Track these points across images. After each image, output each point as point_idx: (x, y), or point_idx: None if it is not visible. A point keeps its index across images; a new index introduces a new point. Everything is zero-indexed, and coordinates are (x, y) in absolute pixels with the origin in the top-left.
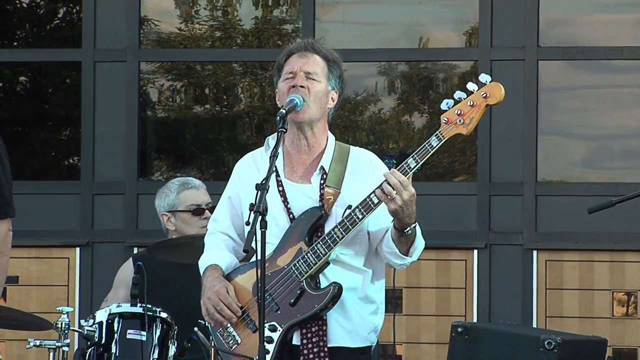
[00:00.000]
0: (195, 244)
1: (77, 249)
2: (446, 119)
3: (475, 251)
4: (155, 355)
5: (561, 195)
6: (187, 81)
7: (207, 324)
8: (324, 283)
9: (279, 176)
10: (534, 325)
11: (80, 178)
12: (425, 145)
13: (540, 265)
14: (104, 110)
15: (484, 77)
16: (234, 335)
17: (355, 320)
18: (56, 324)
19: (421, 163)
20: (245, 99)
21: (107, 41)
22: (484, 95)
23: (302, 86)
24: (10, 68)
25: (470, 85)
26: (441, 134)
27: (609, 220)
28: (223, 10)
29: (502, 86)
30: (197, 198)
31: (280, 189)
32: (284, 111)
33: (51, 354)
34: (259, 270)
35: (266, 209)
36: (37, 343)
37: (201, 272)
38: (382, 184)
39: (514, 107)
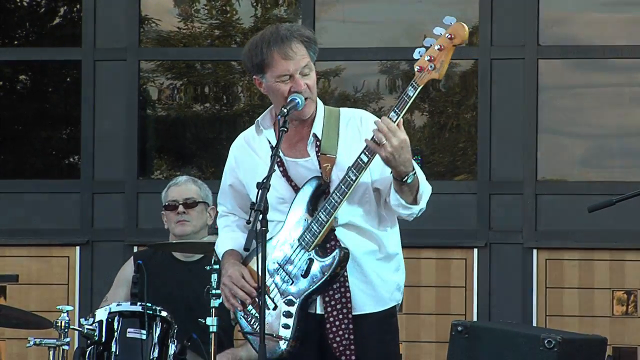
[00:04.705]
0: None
1: (77, 248)
2: (418, 67)
3: (475, 250)
4: (155, 354)
5: (561, 194)
6: (187, 80)
7: (206, 322)
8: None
9: (279, 155)
10: (534, 324)
11: (80, 177)
12: (402, 96)
13: (540, 264)
14: (104, 109)
15: (448, 19)
16: (256, 317)
17: (377, 283)
18: (56, 322)
19: (401, 115)
20: (245, 98)
21: (107, 40)
22: (449, 37)
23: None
24: (10, 67)
25: (437, 30)
26: (416, 83)
27: (609, 219)
28: (222, 9)
29: (465, 25)
30: (174, 194)
31: (282, 168)
32: (285, 110)
33: (51, 352)
34: (259, 270)
35: (267, 209)
36: (37, 342)
37: (219, 256)
38: (373, 131)
39: (514, 106)
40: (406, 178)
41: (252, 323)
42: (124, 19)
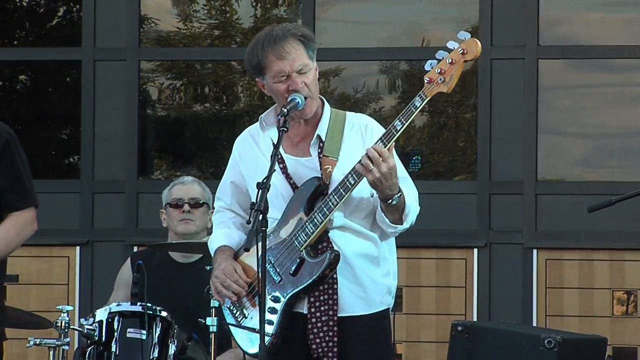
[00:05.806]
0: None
1: (77, 248)
2: (428, 79)
3: (475, 250)
4: (155, 354)
5: (561, 194)
6: (186, 80)
7: (206, 322)
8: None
9: (280, 153)
10: (534, 324)
11: (80, 177)
12: (409, 106)
13: (540, 264)
14: (104, 109)
15: (462, 35)
16: (243, 311)
17: (368, 286)
18: (56, 322)
19: (406, 124)
20: (245, 98)
21: (107, 40)
22: (462, 51)
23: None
24: (10, 67)
25: (451, 44)
26: (424, 94)
27: (608, 219)
28: (222, 9)
29: (478, 42)
30: (180, 193)
31: (282, 165)
32: (285, 110)
33: (51, 352)
34: (259, 270)
35: (267, 209)
36: (37, 342)
37: (211, 252)
38: (362, 156)
39: (514, 106)
40: (391, 200)
41: (236, 315)
42: (124, 19)
